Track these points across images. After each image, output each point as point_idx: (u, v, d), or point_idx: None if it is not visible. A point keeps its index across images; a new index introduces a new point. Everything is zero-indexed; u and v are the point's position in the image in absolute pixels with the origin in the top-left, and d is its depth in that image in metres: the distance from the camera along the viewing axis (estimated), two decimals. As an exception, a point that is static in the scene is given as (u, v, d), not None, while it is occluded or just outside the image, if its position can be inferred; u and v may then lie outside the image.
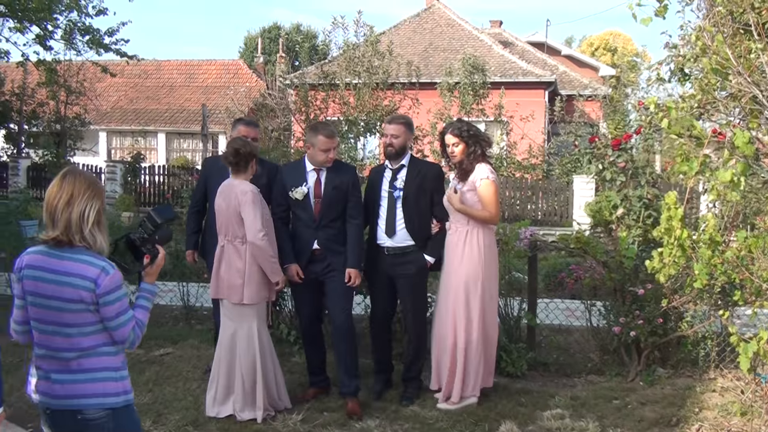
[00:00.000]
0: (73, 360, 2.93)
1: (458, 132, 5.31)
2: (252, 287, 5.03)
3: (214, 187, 5.65)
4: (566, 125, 20.62)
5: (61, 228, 2.86)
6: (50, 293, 2.90)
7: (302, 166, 5.43)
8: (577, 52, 36.93)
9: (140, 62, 31.94)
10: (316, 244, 5.31)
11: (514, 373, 6.00)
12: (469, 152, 5.29)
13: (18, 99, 19.79)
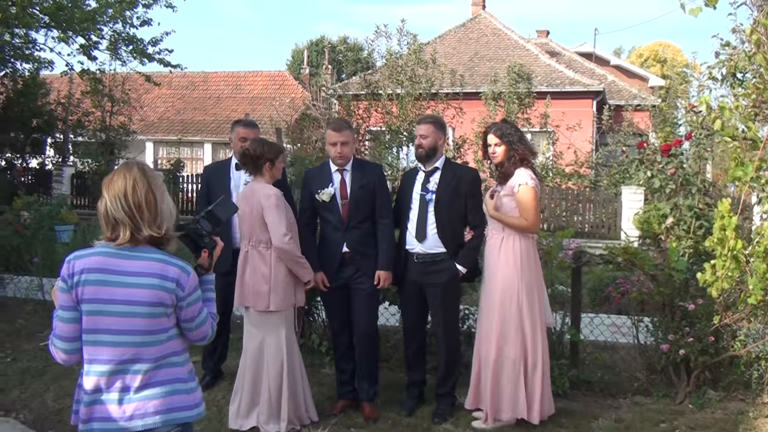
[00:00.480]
0: (145, 373, 2.70)
1: (500, 132, 5.03)
2: (279, 293, 4.85)
3: (217, 194, 5.53)
4: (614, 135, 20.11)
5: (157, 223, 2.69)
6: (120, 297, 2.65)
7: (327, 168, 5.29)
8: (626, 63, 36.29)
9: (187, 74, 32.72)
10: (345, 246, 5.14)
11: (555, 391, 5.63)
12: (510, 155, 4.99)
13: (63, 109, 20.04)
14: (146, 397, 2.69)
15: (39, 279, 8.00)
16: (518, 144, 4.98)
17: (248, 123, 5.98)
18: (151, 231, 2.67)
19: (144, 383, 2.69)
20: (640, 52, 48.02)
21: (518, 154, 4.96)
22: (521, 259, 4.90)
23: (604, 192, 17.54)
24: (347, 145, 5.15)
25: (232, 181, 5.76)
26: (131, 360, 2.68)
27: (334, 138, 5.12)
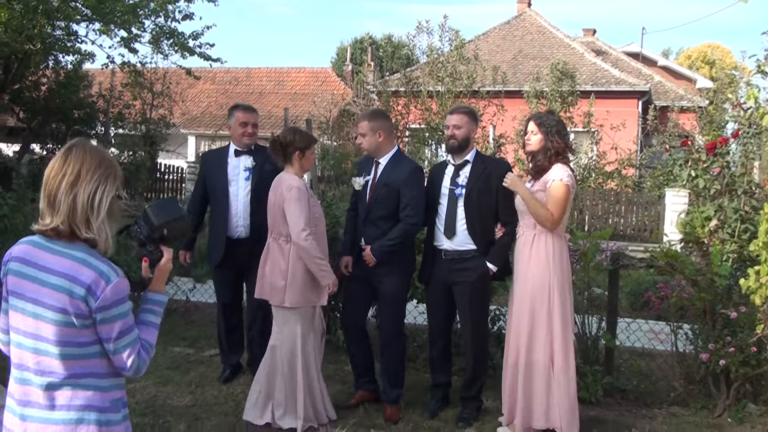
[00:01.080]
0: (51, 390, 2.25)
1: (540, 121, 4.76)
2: (294, 290, 4.67)
3: (214, 182, 5.57)
4: (659, 135, 19.61)
5: (64, 215, 2.22)
6: (29, 295, 2.26)
7: (372, 159, 5.16)
8: (673, 64, 35.50)
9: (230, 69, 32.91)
10: (363, 241, 5.01)
11: (587, 399, 5.41)
12: (546, 146, 4.71)
13: (105, 101, 20.18)
14: (47, 420, 2.25)
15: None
16: (555, 136, 4.70)
17: (247, 107, 5.74)
18: (59, 223, 2.25)
19: (49, 403, 2.25)
20: (688, 53, 47.13)
21: (553, 146, 4.69)
22: (553, 258, 4.64)
23: (647, 194, 17.08)
24: (364, 137, 5.02)
25: (230, 168, 5.55)
26: (39, 371, 2.25)
27: (357, 129, 5.14)
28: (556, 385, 4.61)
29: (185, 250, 5.74)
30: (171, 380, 5.61)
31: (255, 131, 5.59)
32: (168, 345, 6.57)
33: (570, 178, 4.67)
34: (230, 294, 5.71)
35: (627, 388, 5.75)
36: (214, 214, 5.63)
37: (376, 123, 5.04)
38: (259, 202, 5.24)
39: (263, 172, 5.40)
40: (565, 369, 4.63)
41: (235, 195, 5.48)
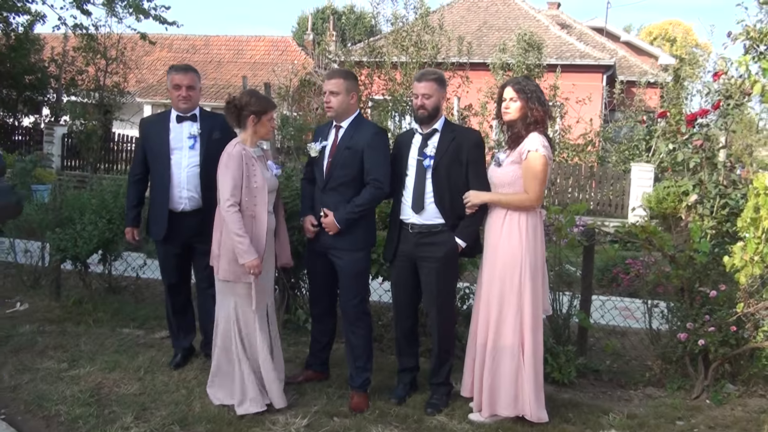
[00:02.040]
0: None
1: (519, 87, 4.40)
2: (225, 261, 4.43)
3: (154, 151, 5.11)
4: (625, 110, 19.47)
5: None
6: None
7: (330, 123, 4.84)
8: (636, 39, 35.41)
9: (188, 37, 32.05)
10: (322, 211, 4.67)
11: (560, 380, 5.17)
12: (525, 114, 4.37)
13: (57, 66, 19.40)
14: None
15: (11, 240, 7.49)
16: (535, 103, 4.36)
17: (181, 67, 5.19)
18: None
19: None
20: (650, 30, 47.25)
21: (533, 114, 4.36)
22: (526, 235, 4.33)
23: (613, 169, 16.94)
24: (336, 96, 4.67)
25: (172, 135, 5.08)
26: None
27: (324, 86, 4.74)
28: (524, 370, 4.33)
29: (131, 227, 5.32)
30: (118, 365, 5.21)
31: (191, 94, 5.07)
32: (117, 326, 6.19)
33: (546, 149, 4.34)
34: (177, 273, 5.29)
35: (601, 368, 5.53)
36: (154, 185, 5.17)
37: (351, 83, 4.74)
38: (208, 173, 4.85)
39: (211, 141, 5.01)
40: (533, 352, 4.34)
41: (177, 164, 5.03)
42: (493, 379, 4.38)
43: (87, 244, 6.35)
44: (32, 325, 6.07)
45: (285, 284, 6.01)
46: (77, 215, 6.51)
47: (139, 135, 5.41)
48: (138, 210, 5.31)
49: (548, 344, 5.25)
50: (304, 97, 19.18)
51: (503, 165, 4.45)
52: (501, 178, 4.43)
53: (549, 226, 5.50)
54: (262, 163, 4.60)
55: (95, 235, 6.34)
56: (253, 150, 4.59)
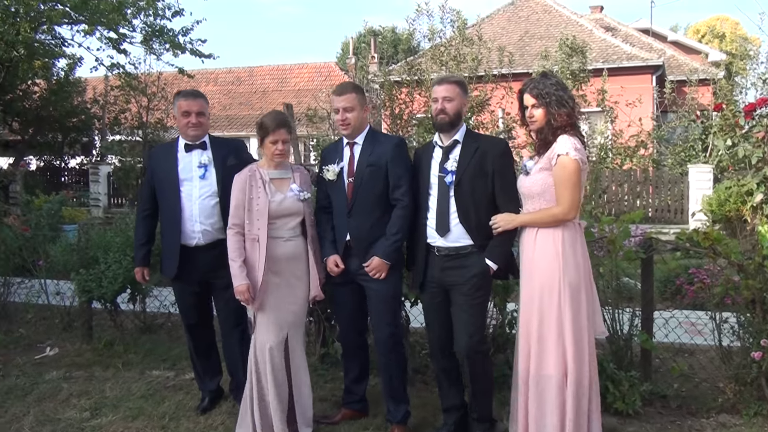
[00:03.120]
0: None
1: (537, 91, 3.92)
2: None
3: (163, 183, 4.74)
4: (678, 110, 18.69)
5: None
6: None
7: (341, 143, 4.50)
8: (684, 38, 34.48)
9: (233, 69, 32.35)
10: (348, 234, 4.36)
11: (624, 410, 4.66)
12: (550, 118, 3.90)
13: (100, 107, 19.65)
14: None
15: (41, 282, 7.29)
16: (556, 107, 3.88)
17: (190, 93, 4.88)
18: None
19: None
20: (696, 27, 46.13)
21: (557, 120, 3.88)
22: (563, 253, 3.83)
23: (669, 172, 16.19)
24: (352, 112, 4.35)
25: (181, 165, 4.72)
26: None
27: (336, 103, 4.39)
28: (569, 402, 3.82)
29: (141, 266, 4.95)
30: (142, 412, 4.89)
31: (201, 120, 4.72)
32: (146, 368, 5.88)
33: (579, 152, 3.83)
34: (196, 312, 4.92)
35: (668, 394, 5.00)
36: (164, 219, 4.80)
37: (363, 96, 4.47)
38: (227, 204, 4.50)
39: (226, 168, 4.65)
40: (577, 381, 3.81)
41: (188, 196, 4.65)
42: (537, 411, 3.89)
43: (112, 284, 6.09)
44: (59, 371, 5.82)
45: (320, 316, 5.62)
46: (102, 255, 6.25)
47: (148, 165, 5.06)
48: (148, 248, 4.94)
49: (609, 370, 4.76)
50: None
51: (531, 173, 3.96)
52: (530, 188, 3.95)
53: (602, 239, 5.02)
54: (279, 186, 4.38)
55: (120, 274, 6.07)
56: (270, 172, 4.38)
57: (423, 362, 5.54)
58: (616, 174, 15.89)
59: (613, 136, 17.11)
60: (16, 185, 17.87)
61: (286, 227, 4.36)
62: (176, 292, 4.97)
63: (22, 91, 18.08)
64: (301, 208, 4.41)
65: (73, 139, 20.64)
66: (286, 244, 4.35)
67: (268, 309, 4.35)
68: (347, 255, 4.41)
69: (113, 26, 15.61)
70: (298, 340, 4.46)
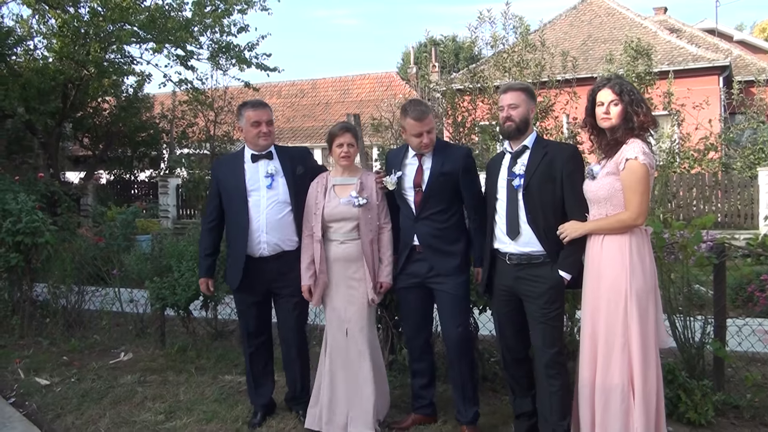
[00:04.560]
0: None
1: (620, 88, 3.87)
2: None
3: (230, 193, 4.79)
4: (746, 111, 18.16)
5: None
6: None
7: (402, 152, 4.64)
8: (751, 37, 33.46)
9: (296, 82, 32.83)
10: (416, 239, 4.47)
11: (697, 420, 4.57)
12: (627, 118, 3.85)
13: (168, 122, 20.17)
14: None
15: (115, 290, 7.55)
16: (641, 106, 3.84)
17: (257, 103, 4.86)
18: None
19: None
20: (762, 26, 44.68)
21: (639, 119, 3.83)
22: (630, 259, 3.78)
23: (738, 176, 15.75)
24: (431, 134, 4.47)
25: (248, 176, 4.76)
26: None
27: (417, 128, 4.44)
28: (635, 411, 3.75)
29: (206, 278, 4.99)
30: (216, 416, 5.01)
31: (270, 130, 4.79)
32: (218, 373, 6.03)
33: (647, 157, 3.77)
34: (256, 321, 4.94)
35: (741, 404, 4.87)
36: (231, 229, 4.84)
37: (433, 113, 4.59)
38: (300, 213, 4.68)
39: (297, 177, 4.75)
40: (644, 390, 3.74)
41: (256, 206, 4.70)
42: (603, 419, 3.83)
43: (185, 292, 6.26)
44: (134, 376, 6.00)
45: (388, 323, 5.67)
46: (175, 263, 6.43)
47: (211, 178, 5.11)
48: (213, 259, 4.98)
49: (681, 379, 4.68)
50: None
51: (598, 177, 3.91)
52: (596, 193, 3.91)
53: (673, 244, 4.95)
54: (341, 191, 4.60)
55: (193, 282, 6.23)
56: (335, 179, 4.67)
57: (491, 370, 5.54)
58: (684, 178, 15.54)
59: (681, 140, 16.73)
60: (88, 198, 18.49)
61: (342, 231, 4.56)
62: (238, 301, 5.00)
63: (93, 108, 18.68)
64: (355, 214, 4.55)
65: (142, 154, 21.25)
66: (341, 246, 4.56)
67: (329, 308, 4.66)
68: (415, 260, 4.51)
69: (181, 44, 16.02)
70: (362, 340, 4.57)
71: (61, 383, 5.90)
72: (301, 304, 4.84)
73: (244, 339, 5.05)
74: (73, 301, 7.60)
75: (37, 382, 5.93)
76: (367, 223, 4.56)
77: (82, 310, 7.69)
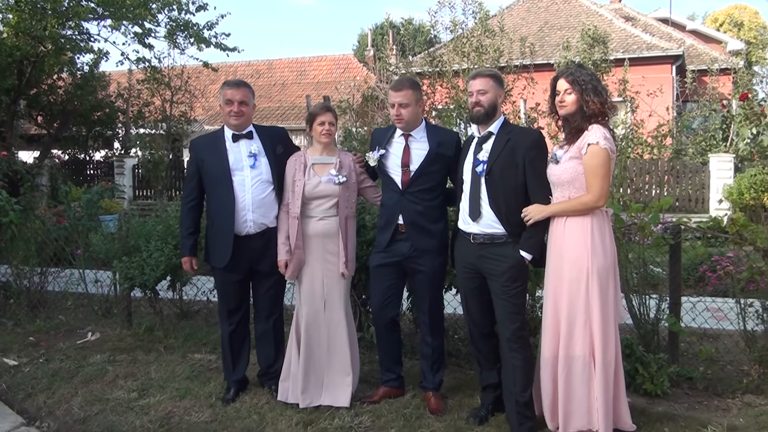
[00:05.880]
0: None
1: (573, 78, 4.07)
2: None
3: (213, 173, 4.84)
4: (699, 99, 18.66)
5: None
6: None
7: (390, 132, 4.76)
8: (703, 27, 34.21)
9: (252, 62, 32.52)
10: (401, 218, 4.60)
11: (653, 391, 4.82)
12: (583, 106, 4.04)
13: (124, 101, 19.90)
14: None
15: (80, 271, 7.53)
16: (591, 95, 4.02)
17: (233, 82, 4.90)
18: None
19: None
20: (715, 16, 45.63)
21: (590, 107, 4.02)
22: (592, 239, 3.98)
23: (690, 162, 16.21)
24: (406, 107, 4.57)
25: (231, 156, 4.82)
26: None
27: (392, 98, 4.62)
28: (595, 382, 4.00)
29: (189, 256, 5.02)
30: (189, 392, 5.09)
31: (243, 110, 4.82)
32: (188, 352, 6.09)
33: (609, 142, 3.97)
34: (236, 298, 5.01)
35: (695, 376, 5.13)
36: (214, 209, 4.88)
37: (418, 92, 4.70)
38: (280, 191, 4.81)
39: (277, 157, 4.84)
40: (604, 362, 3.97)
41: (241, 185, 4.77)
42: (565, 390, 4.06)
43: (154, 271, 6.29)
44: (103, 355, 6.03)
45: (356, 301, 5.81)
46: (143, 243, 6.46)
47: (190, 158, 5.10)
48: (195, 237, 5.01)
49: (638, 353, 4.92)
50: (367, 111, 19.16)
51: (561, 162, 4.10)
52: (560, 176, 4.09)
53: (631, 225, 5.17)
54: (321, 170, 4.74)
55: (162, 262, 6.27)
56: (314, 157, 4.78)
57: (455, 346, 5.72)
58: (638, 164, 15.94)
59: (635, 126, 17.14)
60: (43, 178, 18.19)
61: (321, 208, 4.70)
62: (219, 279, 5.03)
63: (48, 86, 18.33)
64: (336, 191, 4.69)
65: (97, 133, 20.92)
66: (319, 222, 4.70)
67: (304, 281, 4.77)
68: (397, 239, 4.63)
69: (139, 21, 15.83)
70: (340, 312, 4.76)
71: (30, 363, 5.90)
72: (280, 280, 4.96)
73: (223, 317, 5.09)
74: (36, 281, 7.57)
75: (5, 362, 5.92)
76: (345, 201, 4.73)
77: (45, 291, 7.65)
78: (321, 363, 4.78)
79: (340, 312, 4.76)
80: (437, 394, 4.80)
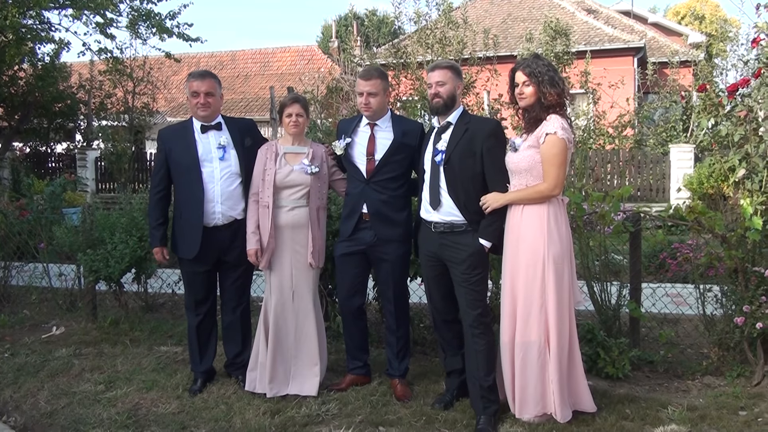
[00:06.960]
0: None
1: (530, 70, 4.15)
2: None
3: (182, 165, 4.84)
4: (659, 91, 18.97)
5: None
6: None
7: (356, 121, 4.81)
8: (664, 19, 34.68)
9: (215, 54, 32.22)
10: (365, 207, 4.65)
11: (615, 374, 4.94)
12: (540, 97, 4.14)
13: (85, 92, 19.59)
14: None
15: (44, 265, 7.45)
16: (548, 87, 4.11)
17: (199, 73, 4.89)
18: None
19: None
20: (676, 9, 46.24)
21: (547, 99, 4.11)
22: (548, 227, 4.08)
23: (651, 152, 16.48)
24: (375, 97, 4.63)
25: (200, 147, 4.83)
26: None
27: (360, 87, 4.68)
28: (550, 367, 4.11)
29: (161, 246, 5.01)
30: (156, 384, 5.09)
31: (209, 101, 4.82)
32: (154, 345, 6.08)
33: (566, 132, 4.07)
34: (204, 289, 5.02)
35: (655, 359, 5.27)
36: (182, 200, 4.87)
37: (386, 82, 4.75)
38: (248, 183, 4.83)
39: (245, 149, 4.86)
40: (559, 347, 4.09)
41: (210, 177, 4.77)
42: (522, 374, 4.16)
43: (119, 264, 6.25)
44: (68, 349, 5.99)
45: (323, 291, 5.84)
46: (108, 235, 6.41)
47: (158, 148, 5.07)
48: (164, 228, 5.00)
49: (599, 338, 5.04)
50: (332, 103, 19.15)
51: (520, 150, 4.19)
52: (518, 164, 4.18)
53: (592, 214, 5.27)
54: (292, 159, 4.76)
55: (126, 254, 6.24)
56: (286, 147, 4.80)
57: (421, 334, 5.79)
58: (600, 154, 16.16)
59: (596, 117, 17.38)
60: (4, 171, 17.89)
61: (292, 197, 4.71)
62: (186, 270, 5.03)
63: (9, 77, 18.01)
64: (307, 181, 4.72)
65: (58, 125, 20.61)
66: (290, 213, 4.71)
67: (273, 271, 4.78)
68: (361, 227, 4.68)
69: (100, 11, 15.62)
70: (308, 301, 4.80)
71: (-6, 358, 5.85)
72: (247, 270, 4.99)
73: (190, 308, 5.08)
74: (-1, 276, 7.49)
75: (-32, 356, 5.86)
76: (316, 192, 4.76)
77: (8, 285, 7.56)
78: (289, 353, 4.81)
79: (308, 302, 4.80)
80: (403, 381, 4.86)
